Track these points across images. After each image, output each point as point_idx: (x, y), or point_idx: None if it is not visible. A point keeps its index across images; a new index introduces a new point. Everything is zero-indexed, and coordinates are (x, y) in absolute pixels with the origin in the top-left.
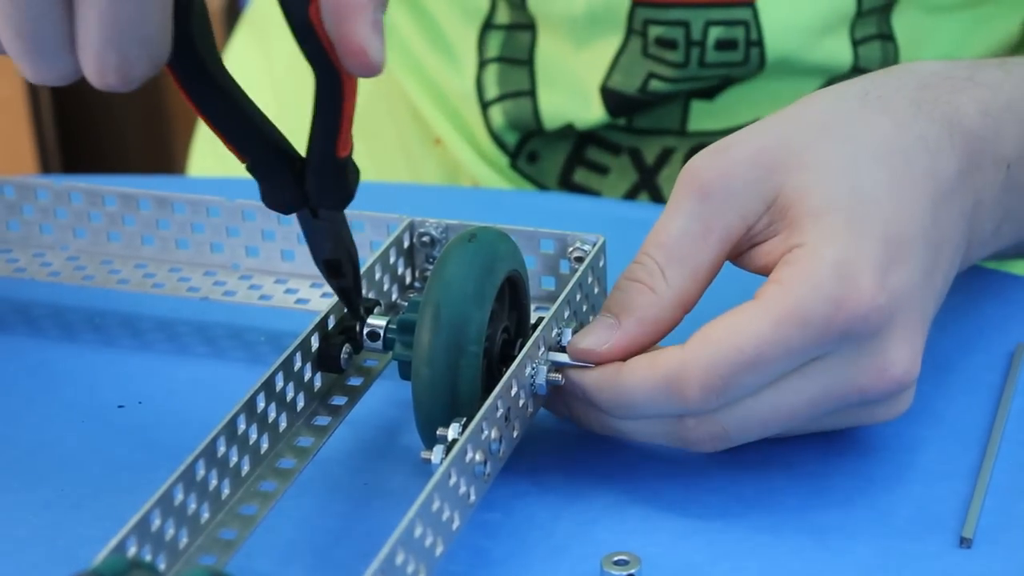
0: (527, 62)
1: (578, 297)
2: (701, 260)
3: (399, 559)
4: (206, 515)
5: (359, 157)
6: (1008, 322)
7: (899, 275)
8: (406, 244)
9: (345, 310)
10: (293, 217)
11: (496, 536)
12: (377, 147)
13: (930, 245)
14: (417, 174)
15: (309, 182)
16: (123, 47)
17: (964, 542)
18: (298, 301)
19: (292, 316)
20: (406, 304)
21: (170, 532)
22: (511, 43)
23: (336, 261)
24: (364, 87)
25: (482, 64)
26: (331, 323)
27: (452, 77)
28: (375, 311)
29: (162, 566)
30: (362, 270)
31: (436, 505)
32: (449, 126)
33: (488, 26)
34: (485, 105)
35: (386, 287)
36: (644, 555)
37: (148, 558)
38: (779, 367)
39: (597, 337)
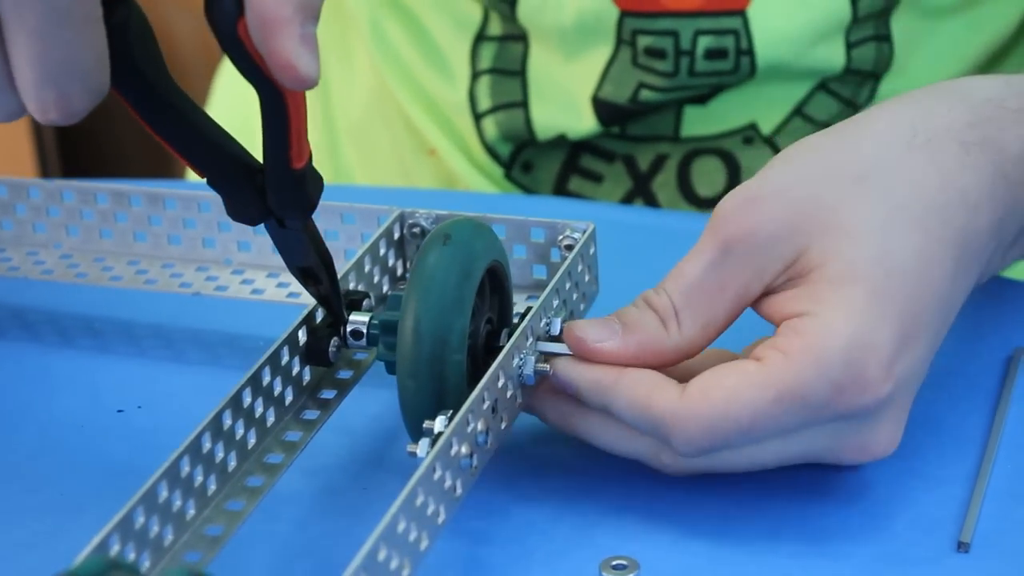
0: (519, 73)
1: (568, 286)
2: (715, 314)
3: (381, 555)
4: (191, 512)
5: (354, 168)
6: (1006, 327)
7: (908, 360)
8: (396, 235)
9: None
10: None
11: (494, 540)
12: (372, 158)
13: (944, 309)
14: (412, 185)
15: (269, 195)
16: (60, 84)
17: (962, 547)
18: (290, 295)
19: (287, 316)
20: (389, 297)
21: (154, 529)
22: (503, 55)
23: (309, 268)
24: (358, 98)
25: (475, 76)
26: (319, 317)
27: (445, 89)
28: (364, 304)
29: (147, 564)
30: (352, 261)
31: (420, 499)
32: (443, 137)
33: (481, 38)
34: (478, 117)
35: (376, 279)
36: (643, 559)
37: (132, 556)
38: (768, 435)
39: (597, 332)
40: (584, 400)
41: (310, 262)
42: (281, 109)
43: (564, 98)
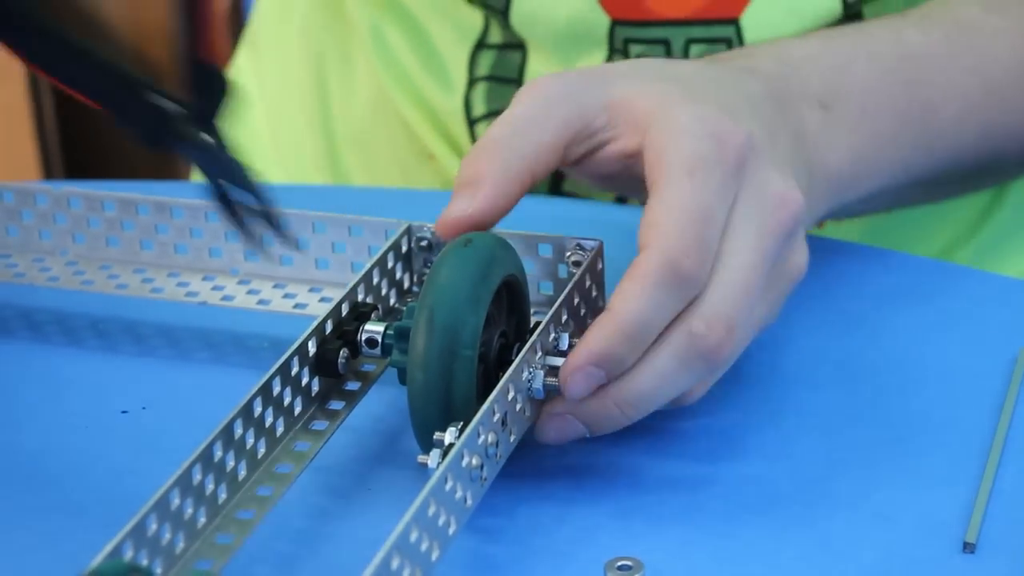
0: (516, 81)
1: (576, 301)
2: (544, 137)
3: (395, 564)
4: (203, 520)
5: (354, 173)
6: (1010, 327)
7: (746, 123)
8: (404, 249)
9: (341, 313)
10: (292, 224)
11: (499, 541)
12: (372, 163)
13: (763, 126)
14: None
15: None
16: None
17: (967, 547)
18: (296, 306)
19: (292, 321)
20: (404, 309)
21: (166, 537)
22: (502, 63)
23: (227, 194)
24: (359, 104)
25: (471, 82)
26: (328, 328)
27: (442, 95)
28: (372, 316)
29: (159, 571)
30: (361, 274)
31: (432, 510)
32: (440, 142)
33: (481, 46)
34: (472, 122)
35: (384, 291)
36: (648, 561)
37: (144, 562)
38: (719, 212)
39: (459, 205)
40: (612, 351)
41: (231, 180)
42: None
43: None
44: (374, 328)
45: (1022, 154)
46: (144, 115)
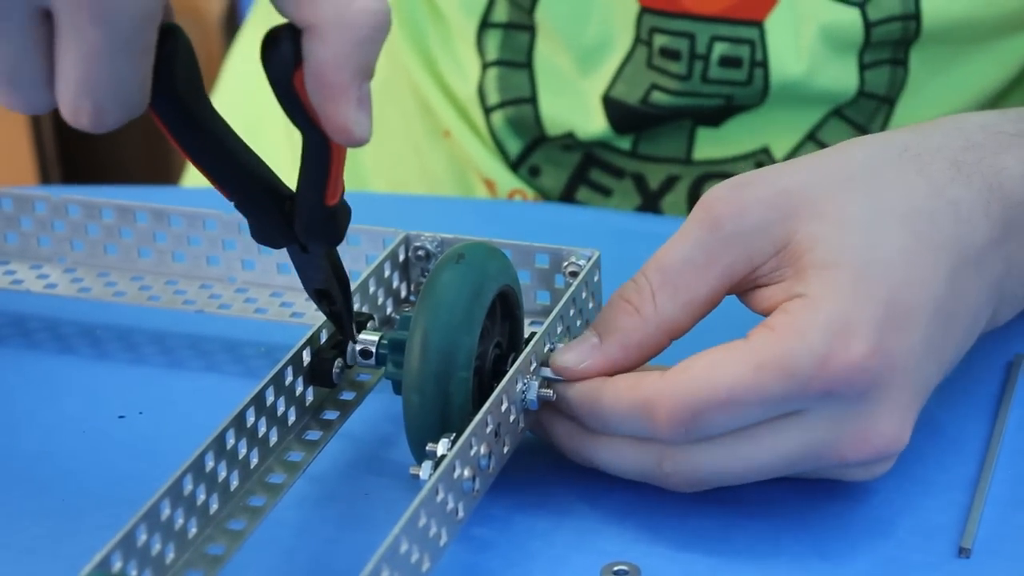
0: (526, 65)
1: (572, 312)
2: (697, 291)
3: (384, 575)
4: (193, 530)
5: (367, 150)
6: (1006, 333)
7: (898, 341)
8: (401, 258)
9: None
10: None
11: (496, 546)
12: (383, 140)
13: (942, 315)
14: (425, 168)
15: (298, 225)
16: (99, 99)
17: (963, 552)
18: (293, 315)
19: (289, 330)
20: (399, 319)
21: (156, 547)
22: (509, 43)
23: (326, 291)
24: (373, 80)
25: (484, 67)
26: (323, 337)
27: (458, 78)
28: (368, 325)
29: None
30: (357, 283)
31: (423, 521)
32: (459, 120)
33: (486, 24)
34: (488, 111)
35: (380, 301)
36: (644, 565)
37: (134, 573)
38: (753, 413)
39: (577, 355)
40: (580, 418)
41: (328, 285)
42: (324, 155)
43: (574, 94)
44: (368, 338)
45: None
46: (268, 217)
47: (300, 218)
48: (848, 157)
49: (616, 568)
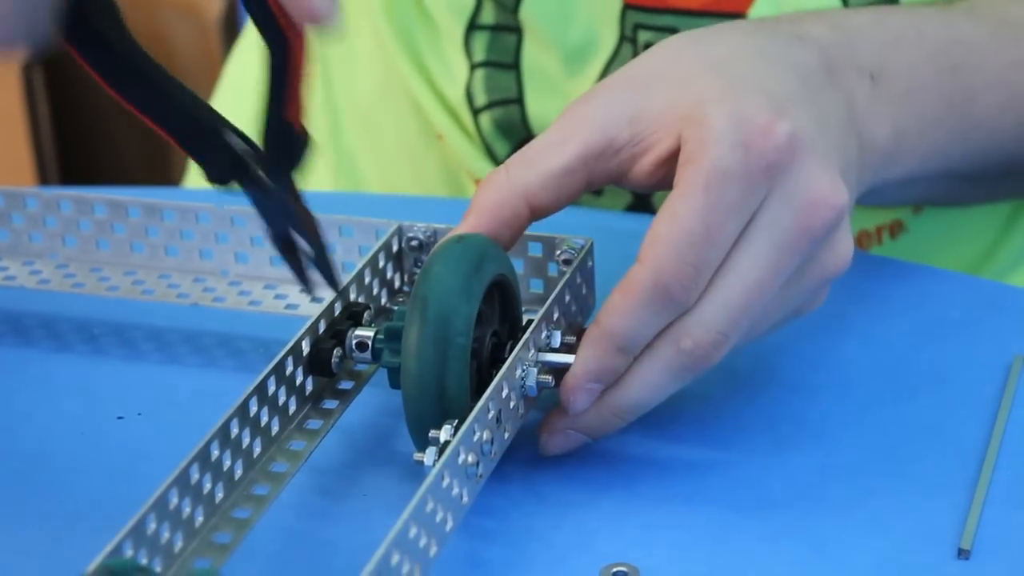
0: (513, 66)
1: (567, 299)
2: (551, 161)
3: (394, 560)
4: (200, 519)
5: (362, 153)
6: (1005, 334)
7: (791, 115)
8: (395, 248)
9: (334, 313)
10: None
11: (495, 546)
12: (378, 142)
13: (812, 108)
14: (419, 171)
15: (258, 150)
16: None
17: (962, 553)
18: (288, 306)
19: (282, 323)
20: (395, 311)
21: (165, 536)
22: (496, 45)
23: (290, 238)
24: (363, 82)
25: (472, 69)
26: (322, 327)
27: (447, 80)
28: (364, 315)
29: (158, 569)
30: (351, 275)
31: (430, 506)
32: (451, 123)
33: (473, 26)
34: (476, 112)
35: (375, 291)
36: (643, 566)
37: (144, 561)
38: (729, 229)
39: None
40: (604, 362)
41: (295, 227)
42: (283, 58)
43: (561, 95)
44: (364, 333)
45: None
46: (214, 152)
47: (262, 139)
48: (670, 42)
49: (615, 569)
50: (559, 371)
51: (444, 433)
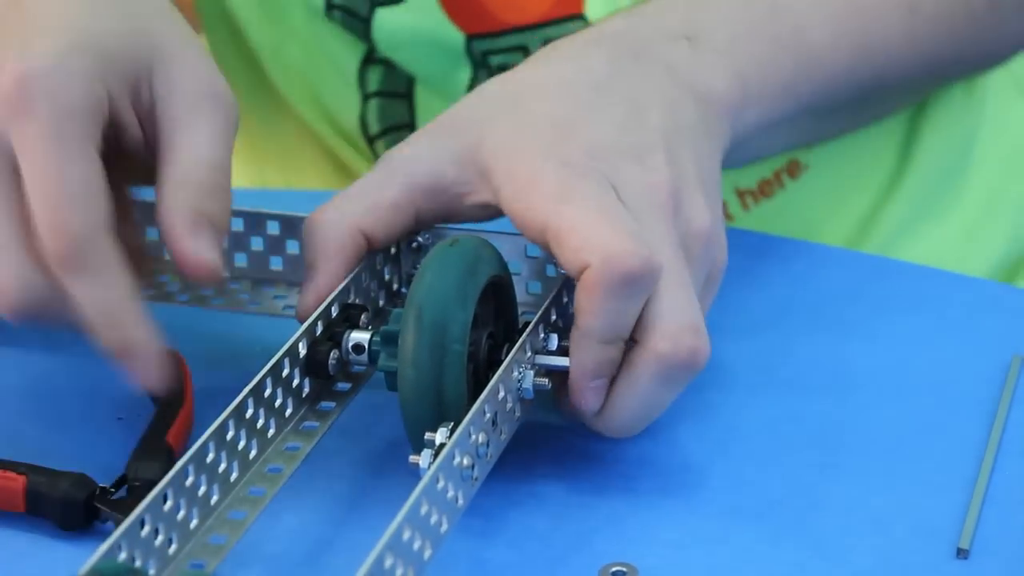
0: (406, 96)
1: (564, 301)
2: (379, 197)
3: (388, 562)
4: (195, 521)
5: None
6: (1004, 334)
7: (593, 128)
8: (392, 250)
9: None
10: (276, 225)
11: (494, 546)
12: (299, 186)
13: (621, 102)
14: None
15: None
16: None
17: (961, 553)
18: (285, 308)
19: (279, 324)
20: (392, 313)
21: (160, 538)
22: (390, 77)
23: None
24: (281, 131)
25: (365, 99)
26: (319, 329)
27: (343, 111)
28: (362, 317)
29: (152, 572)
30: (350, 276)
31: (424, 509)
32: (356, 156)
33: (368, 61)
34: (370, 140)
35: (373, 293)
36: (642, 566)
37: (138, 563)
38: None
39: (305, 299)
40: (605, 357)
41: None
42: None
43: None
44: (360, 336)
45: (903, 80)
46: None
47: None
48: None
49: (614, 569)
50: (556, 374)
51: (440, 436)
